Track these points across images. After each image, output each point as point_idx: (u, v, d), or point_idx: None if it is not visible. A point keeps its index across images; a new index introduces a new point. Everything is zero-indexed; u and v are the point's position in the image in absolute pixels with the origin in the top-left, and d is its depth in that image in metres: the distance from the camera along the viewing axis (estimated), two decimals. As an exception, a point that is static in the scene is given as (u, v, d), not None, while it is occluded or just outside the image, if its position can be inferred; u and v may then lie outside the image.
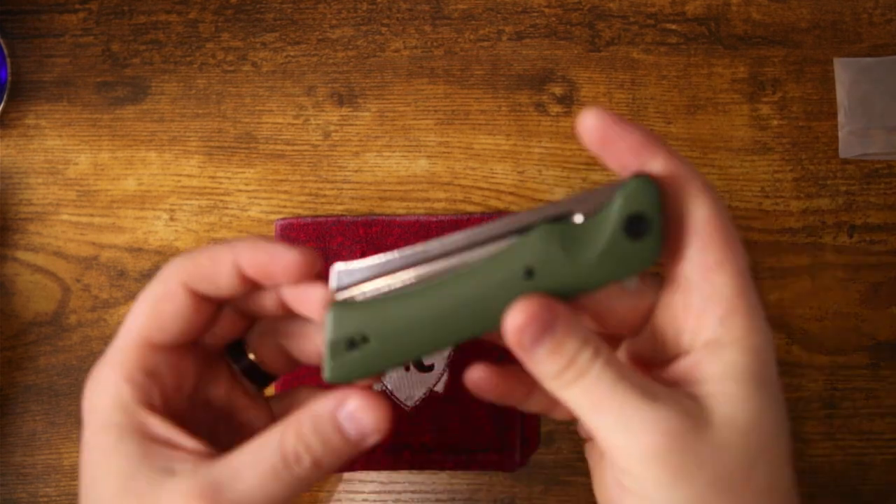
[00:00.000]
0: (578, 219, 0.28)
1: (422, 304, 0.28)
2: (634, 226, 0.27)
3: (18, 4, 0.49)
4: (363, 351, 0.28)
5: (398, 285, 0.28)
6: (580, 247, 0.28)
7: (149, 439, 0.27)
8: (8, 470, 0.45)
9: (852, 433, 0.45)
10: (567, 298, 0.28)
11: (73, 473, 0.45)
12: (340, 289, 0.28)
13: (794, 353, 0.46)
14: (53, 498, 0.45)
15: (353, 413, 0.27)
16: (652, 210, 0.27)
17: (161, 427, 0.28)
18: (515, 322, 0.26)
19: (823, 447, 0.45)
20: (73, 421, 0.46)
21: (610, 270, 0.28)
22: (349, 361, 0.28)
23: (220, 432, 0.31)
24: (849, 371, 0.46)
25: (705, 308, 0.28)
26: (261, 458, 0.26)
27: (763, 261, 0.46)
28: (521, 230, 0.28)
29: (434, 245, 0.28)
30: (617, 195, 0.28)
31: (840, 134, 0.47)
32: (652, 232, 0.28)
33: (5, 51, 0.48)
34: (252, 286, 0.29)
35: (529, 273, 0.27)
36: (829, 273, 0.46)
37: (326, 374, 0.28)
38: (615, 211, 0.28)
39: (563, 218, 0.28)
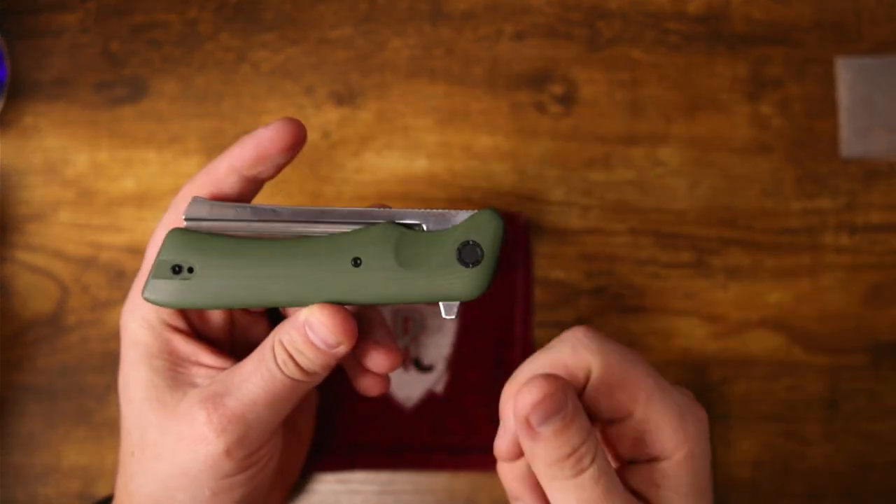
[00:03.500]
0: (422, 229, 0.30)
1: (252, 257, 0.29)
2: (468, 253, 0.29)
3: (17, 3, 0.48)
4: (185, 280, 0.30)
5: (240, 234, 0.30)
6: (412, 255, 0.29)
7: (174, 356, 0.32)
8: (6, 470, 0.45)
9: (853, 434, 0.45)
10: (390, 301, 0.29)
11: (71, 474, 0.45)
12: (190, 219, 0.30)
13: (794, 353, 0.46)
14: (52, 498, 0.45)
15: (313, 325, 0.29)
16: (489, 242, 0.29)
17: (184, 345, 0.32)
18: (529, 398, 0.27)
19: (824, 448, 0.45)
20: (72, 421, 0.45)
21: (433, 287, 0.29)
22: (169, 286, 0.30)
23: (245, 347, 0.35)
24: (850, 372, 0.45)
25: (658, 424, 0.30)
26: (260, 364, 0.30)
27: (763, 261, 0.46)
28: (367, 222, 0.30)
29: (286, 210, 0.30)
30: (463, 221, 0.29)
31: (841, 133, 0.47)
32: (484, 264, 0.29)
33: (4, 50, 0.48)
34: (259, 181, 0.32)
35: (357, 262, 0.29)
36: (830, 273, 0.46)
37: (144, 291, 0.30)
38: (454, 233, 0.29)
39: (409, 225, 0.30)
